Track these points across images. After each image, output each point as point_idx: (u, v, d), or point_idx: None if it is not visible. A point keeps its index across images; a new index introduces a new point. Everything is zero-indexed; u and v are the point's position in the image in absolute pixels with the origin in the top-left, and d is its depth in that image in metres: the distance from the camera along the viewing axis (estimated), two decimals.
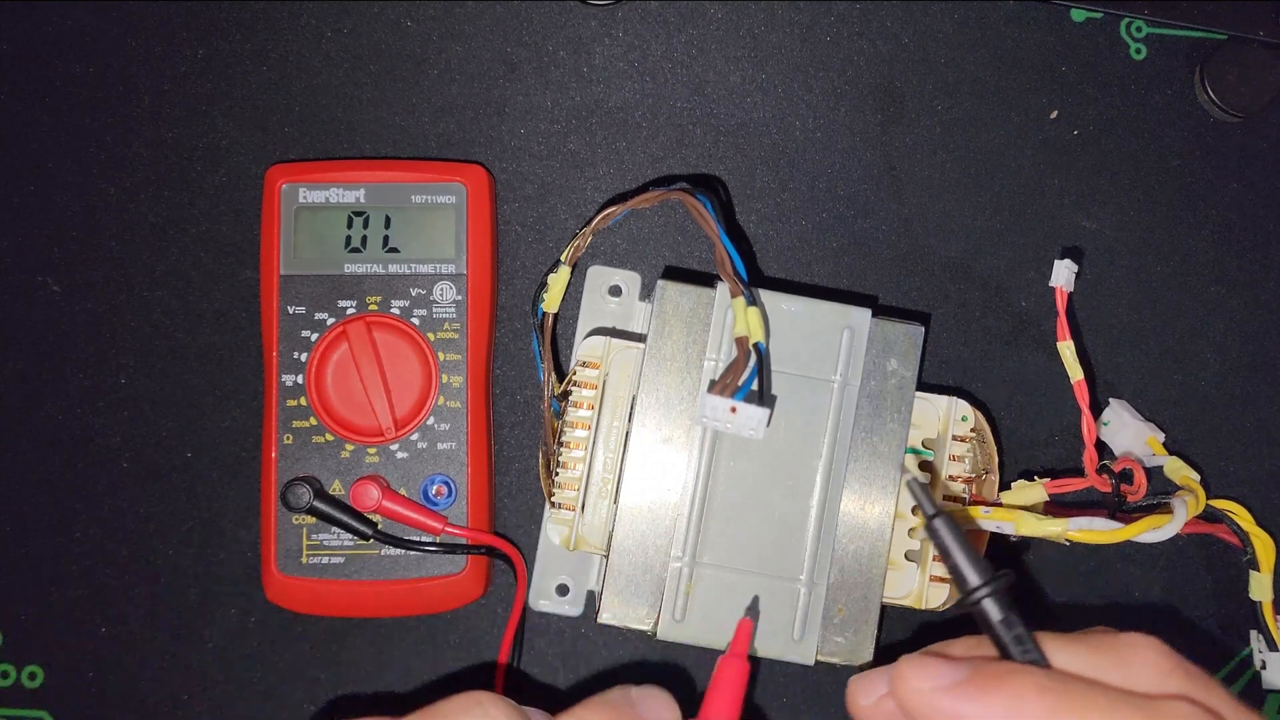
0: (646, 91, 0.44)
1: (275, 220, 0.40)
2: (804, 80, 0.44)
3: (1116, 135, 0.44)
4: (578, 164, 0.43)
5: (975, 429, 0.40)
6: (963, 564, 0.29)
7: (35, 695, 0.41)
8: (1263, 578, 0.41)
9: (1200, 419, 0.44)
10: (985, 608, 0.29)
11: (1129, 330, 0.44)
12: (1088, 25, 0.45)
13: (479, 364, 0.40)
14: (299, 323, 0.40)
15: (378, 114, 0.43)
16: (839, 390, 0.38)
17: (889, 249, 0.43)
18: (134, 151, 0.43)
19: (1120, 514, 0.40)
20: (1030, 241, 0.44)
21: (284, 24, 0.43)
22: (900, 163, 0.44)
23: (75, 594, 0.41)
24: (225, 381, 0.42)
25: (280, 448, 0.40)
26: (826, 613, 0.37)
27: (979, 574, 0.29)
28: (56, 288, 0.42)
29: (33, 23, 0.43)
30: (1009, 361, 0.43)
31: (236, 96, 0.43)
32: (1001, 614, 0.29)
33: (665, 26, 0.44)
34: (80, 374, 0.42)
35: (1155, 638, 0.29)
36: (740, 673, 0.32)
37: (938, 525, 0.30)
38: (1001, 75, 0.44)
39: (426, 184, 0.41)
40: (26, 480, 0.41)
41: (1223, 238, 0.44)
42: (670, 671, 0.42)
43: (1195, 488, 0.40)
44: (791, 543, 0.37)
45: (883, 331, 0.38)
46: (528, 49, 0.43)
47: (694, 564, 0.37)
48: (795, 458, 0.37)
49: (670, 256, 0.43)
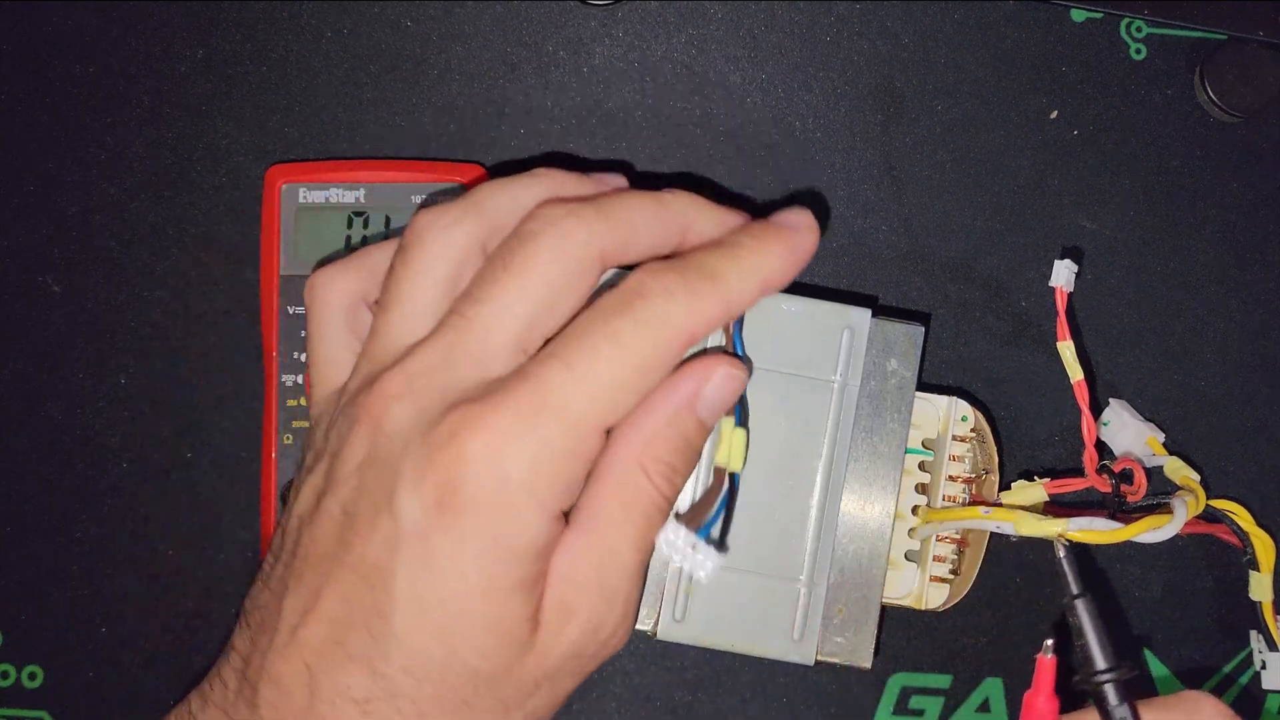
0: (646, 91, 0.43)
1: (275, 220, 0.40)
2: (804, 80, 0.44)
3: (1116, 135, 0.44)
4: (578, 164, 0.43)
5: (975, 429, 0.40)
6: (1094, 647, 0.33)
7: (35, 695, 0.41)
8: (1263, 578, 0.41)
9: (1200, 419, 0.44)
10: (1105, 692, 0.32)
11: (1129, 330, 0.44)
12: (1088, 25, 0.45)
13: None
14: (299, 323, 0.40)
15: (378, 114, 0.43)
16: (839, 390, 0.38)
17: (889, 249, 0.43)
18: (133, 152, 0.43)
19: (1120, 514, 0.40)
20: (1030, 241, 0.44)
21: (284, 24, 0.43)
22: (900, 163, 0.44)
23: (75, 594, 0.41)
24: (225, 381, 0.42)
25: (280, 448, 0.40)
26: (826, 613, 0.37)
27: (1107, 660, 0.33)
28: (56, 288, 0.42)
29: (32, 23, 0.43)
30: (1009, 361, 0.43)
31: (236, 96, 0.43)
32: (1118, 701, 0.32)
33: (665, 26, 0.44)
34: (80, 374, 0.42)
35: (1208, 694, 0.32)
36: (1053, 713, 0.33)
37: (1079, 605, 0.33)
38: (1001, 75, 0.44)
39: (427, 184, 0.41)
40: (26, 480, 0.41)
41: (1223, 238, 0.44)
42: (670, 672, 0.42)
43: (1195, 488, 0.40)
44: (791, 543, 0.37)
45: (883, 331, 0.38)
46: (528, 49, 0.43)
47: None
48: (795, 458, 0.37)
49: None
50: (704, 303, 0.30)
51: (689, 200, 0.33)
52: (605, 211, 0.31)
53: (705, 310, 0.30)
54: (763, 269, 0.32)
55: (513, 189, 0.33)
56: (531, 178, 0.33)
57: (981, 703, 0.42)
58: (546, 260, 0.30)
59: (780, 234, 0.32)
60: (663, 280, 0.30)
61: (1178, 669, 0.43)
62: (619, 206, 0.31)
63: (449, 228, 0.32)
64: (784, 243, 0.32)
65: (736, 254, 0.32)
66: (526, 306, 0.30)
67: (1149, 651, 0.43)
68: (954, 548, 0.39)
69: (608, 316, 0.30)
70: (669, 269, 0.30)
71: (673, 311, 0.30)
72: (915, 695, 0.42)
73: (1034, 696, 0.33)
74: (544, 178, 0.33)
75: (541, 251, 0.30)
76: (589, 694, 0.41)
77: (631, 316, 0.29)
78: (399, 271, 0.32)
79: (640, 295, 0.30)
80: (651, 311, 0.30)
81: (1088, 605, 0.33)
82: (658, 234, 0.32)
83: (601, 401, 0.29)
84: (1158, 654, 0.43)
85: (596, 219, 0.30)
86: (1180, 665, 0.43)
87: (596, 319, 0.30)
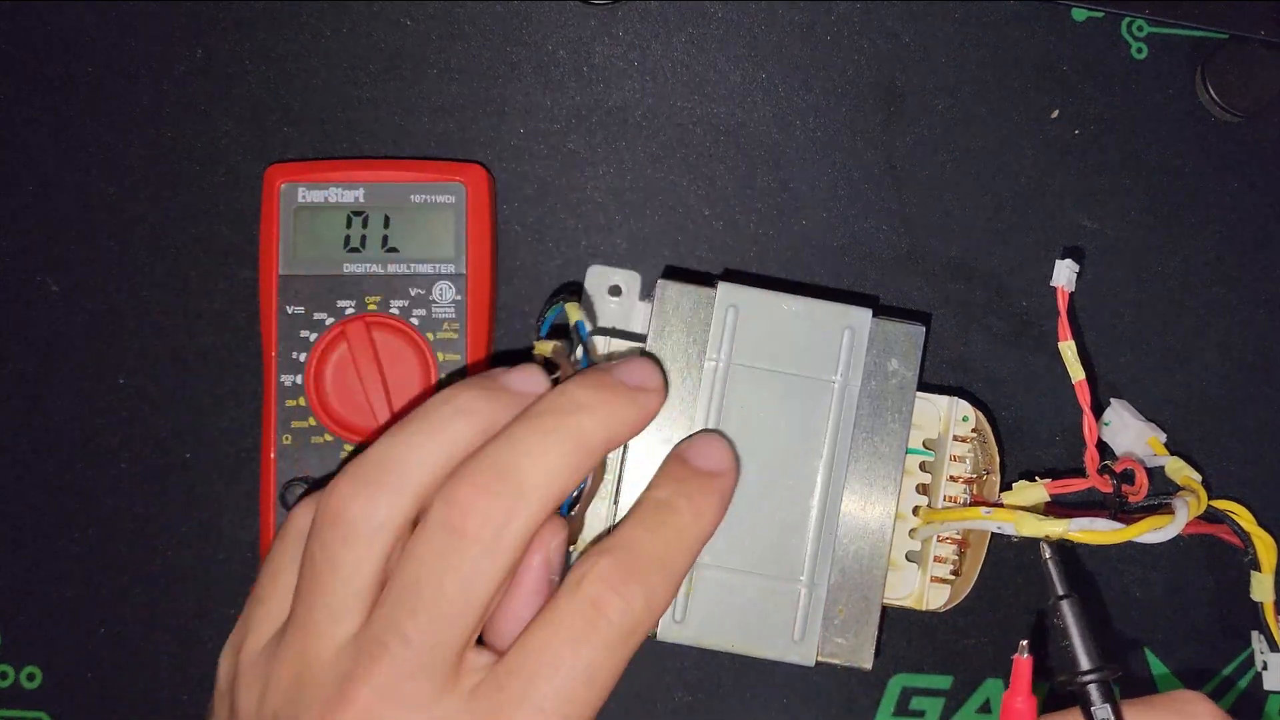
0: (646, 91, 0.43)
1: (274, 220, 0.40)
2: (804, 80, 0.44)
3: (1117, 135, 0.44)
4: (578, 164, 0.43)
5: (976, 429, 0.40)
6: (1079, 647, 0.33)
7: (34, 696, 0.41)
8: (1264, 578, 0.40)
9: (1202, 419, 0.44)
10: (1089, 692, 0.32)
11: (1130, 330, 0.44)
12: (1088, 24, 0.44)
13: (478, 364, 0.40)
14: (298, 323, 0.40)
15: (377, 114, 0.43)
16: (839, 390, 0.37)
17: (889, 249, 0.43)
18: (133, 151, 0.43)
19: (1121, 514, 0.40)
20: (1031, 241, 0.44)
21: (284, 24, 0.43)
22: (900, 162, 0.44)
23: (75, 594, 0.41)
24: (225, 381, 0.42)
25: (279, 448, 0.40)
26: (827, 613, 0.37)
27: (1090, 660, 0.32)
28: (56, 288, 0.42)
29: (32, 23, 0.43)
30: (1010, 361, 0.43)
31: (236, 96, 0.43)
32: (1100, 701, 0.32)
33: (665, 26, 0.44)
34: (79, 374, 0.42)
35: (1202, 694, 0.32)
36: (1031, 712, 0.33)
37: (1065, 606, 0.33)
38: (1002, 75, 0.44)
39: (426, 184, 0.41)
40: (26, 480, 0.41)
41: (1224, 237, 0.44)
42: (670, 672, 0.41)
43: (1197, 488, 0.40)
44: (792, 543, 0.37)
45: (883, 331, 0.38)
46: (528, 49, 0.43)
47: (694, 565, 0.37)
48: (795, 458, 0.37)
49: (670, 256, 0.43)
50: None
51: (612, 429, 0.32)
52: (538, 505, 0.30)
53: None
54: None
55: (432, 444, 0.31)
56: (452, 416, 0.32)
57: (982, 703, 0.42)
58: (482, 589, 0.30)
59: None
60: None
61: (1178, 669, 0.43)
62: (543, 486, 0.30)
63: (371, 518, 0.30)
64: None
65: (665, 521, 0.32)
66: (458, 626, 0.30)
67: (1149, 651, 0.43)
68: (955, 548, 0.39)
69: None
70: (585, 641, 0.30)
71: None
72: (916, 696, 0.42)
73: (1012, 697, 0.33)
74: (467, 416, 0.32)
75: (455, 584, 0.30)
76: None
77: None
78: (320, 567, 0.30)
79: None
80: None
81: (1073, 606, 0.33)
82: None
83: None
84: (1158, 654, 0.43)
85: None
86: (1181, 665, 0.43)
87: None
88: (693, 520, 0.32)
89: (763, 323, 0.38)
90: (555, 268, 0.43)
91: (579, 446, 0.31)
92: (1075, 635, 0.33)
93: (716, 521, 0.33)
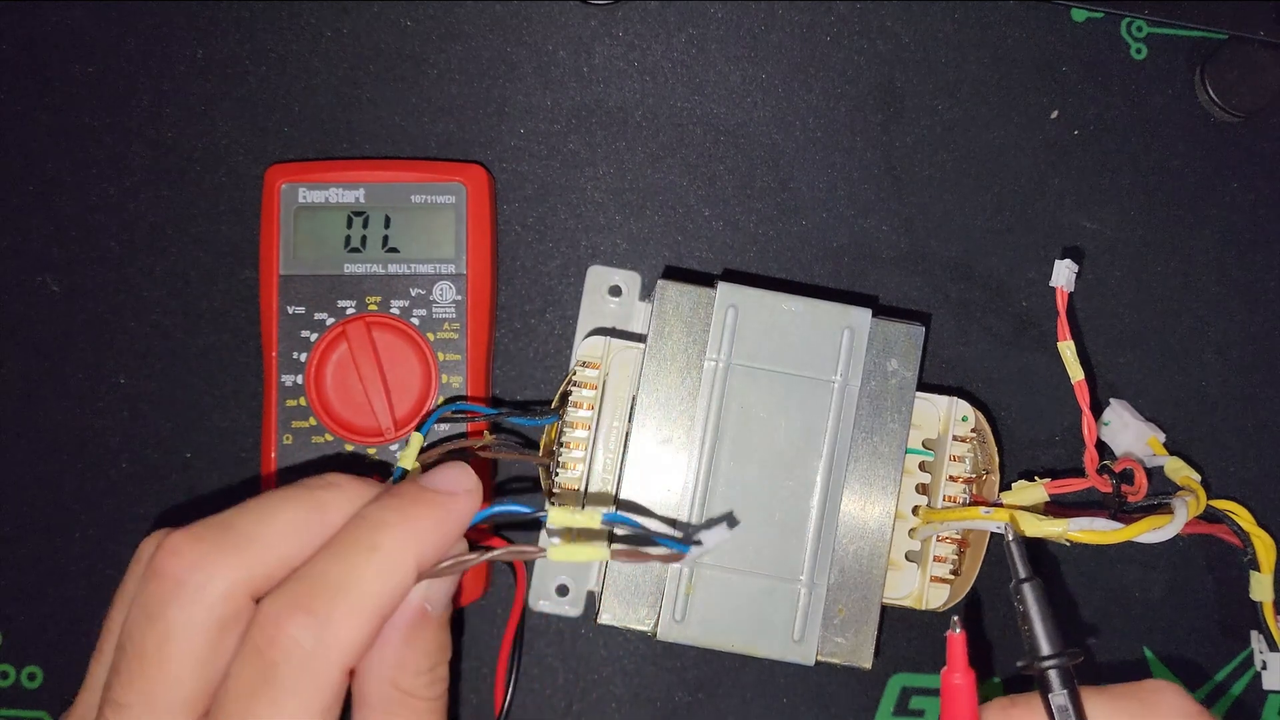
0: (646, 91, 0.43)
1: (275, 220, 0.40)
2: (804, 80, 0.44)
3: (1117, 135, 0.44)
4: (578, 164, 0.43)
5: (976, 429, 0.40)
6: (1039, 632, 0.32)
7: (35, 695, 0.41)
8: (1263, 578, 0.41)
9: (1201, 419, 0.44)
10: (1049, 677, 0.32)
11: (1129, 330, 0.44)
12: (1088, 25, 0.45)
13: (479, 364, 0.40)
14: (298, 323, 0.40)
15: (378, 114, 0.43)
16: (839, 390, 0.38)
17: (889, 249, 0.43)
18: (133, 151, 0.43)
19: (1121, 514, 0.40)
20: (1031, 241, 0.44)
21: (284, 24, 0.43)
22: (900, 163, 0.44)
23: (75, 594, 0.41)
24: (225, 381, 0.42)
25: (280, 448, 0.40)
26: (827, 613, 0.37)
27: (1051, 645, 0.32)
28: (56, 287, 0.42)
29: (32, 23, 0.43)
30: (1009, 362, 0.43)
31: (236, 96, 0.43)
32: (1060, 686, 0.31)
33: (665, 26, 0.44)
34: (80, 374, 0.42)
35: (1172, 683, 0.32)
36: (970, 686, 0.33)
37: (1026, 589, 0.33)
38: (1001, 75, 0.44)
39: (426, 184, 0.41)
40: (26, 480, 0.41)
41: (1224, 237, 0.44)
42: (670, 672, 0.42)
43: (1196, 488, 0.40)
44: (792, 543, 0.37)
45: (883, 331, 0.38)
46: (528, 49, 0.43)
47: (694, 564, 0.37)
48: (795, 458, 0.37)
49: (670, 256, 0.43)
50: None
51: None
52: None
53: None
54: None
55: (285, 525, 0.30)
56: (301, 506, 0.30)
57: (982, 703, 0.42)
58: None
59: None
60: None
61: (1178, 669, 0.43)
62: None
63: (204, 587, 0.29)
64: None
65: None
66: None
67: (1149, 651, 0.43)
68: (954, 548, 0.39)
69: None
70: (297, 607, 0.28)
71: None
72: (915, 695, 0.42)
73: (949, 674, 0.32)
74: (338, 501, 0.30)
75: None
76: (589, 694, 0.41)
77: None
78: (143, 645, 0.29)
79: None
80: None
81: (1034, 590, 0.33)
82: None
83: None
84: (1158, 654, 0.43)
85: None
86: (1180, 665, 0.43)
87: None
88: (392, 538, 0.29)
89: (762, 323, 0.38)
90: (555, 268, 0.43)
91: (386, 563, 0.29)
92: (1036, 619, 0.32)
93: (436, 538, 0.30)
